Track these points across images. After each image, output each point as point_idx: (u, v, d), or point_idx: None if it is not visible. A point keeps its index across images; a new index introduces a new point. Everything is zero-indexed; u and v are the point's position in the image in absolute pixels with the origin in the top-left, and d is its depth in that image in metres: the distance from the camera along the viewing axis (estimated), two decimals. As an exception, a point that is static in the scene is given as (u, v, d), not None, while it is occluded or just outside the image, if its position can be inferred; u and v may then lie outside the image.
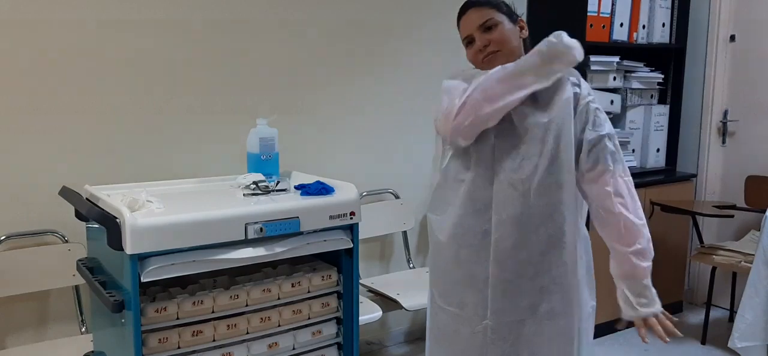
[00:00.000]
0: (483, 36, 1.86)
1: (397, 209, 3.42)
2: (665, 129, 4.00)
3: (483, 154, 1.81)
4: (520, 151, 1.77)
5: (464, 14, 1.91)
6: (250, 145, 2.45)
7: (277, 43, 3.01)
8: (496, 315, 1.82)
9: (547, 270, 1.80)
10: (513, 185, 1.77)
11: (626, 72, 3.79)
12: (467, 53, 1.94)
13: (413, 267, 3.49)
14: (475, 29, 1.87)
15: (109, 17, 2.62)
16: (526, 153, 1.76)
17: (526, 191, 1.76)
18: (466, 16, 1.90)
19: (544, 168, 1.75)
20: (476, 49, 1.88)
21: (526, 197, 1.76)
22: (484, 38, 1.86)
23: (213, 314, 2.09)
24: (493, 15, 1.87)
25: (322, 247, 2.21)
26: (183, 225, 1.94)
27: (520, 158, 1.77)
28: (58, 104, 2.56)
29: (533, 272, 1.80)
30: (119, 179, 2.43)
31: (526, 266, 1.79)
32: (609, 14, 3.64)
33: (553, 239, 1.79)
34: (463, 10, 1.91)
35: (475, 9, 1.89)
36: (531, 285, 1.81)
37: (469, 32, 1.89)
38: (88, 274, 2.20)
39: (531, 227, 1.77)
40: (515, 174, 1.77)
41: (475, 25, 1.87)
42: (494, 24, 1.86)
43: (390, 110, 3.37)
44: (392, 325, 3.54)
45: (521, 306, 1.81)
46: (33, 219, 2.54)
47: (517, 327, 1.82)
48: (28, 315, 2.60)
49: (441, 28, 3.47)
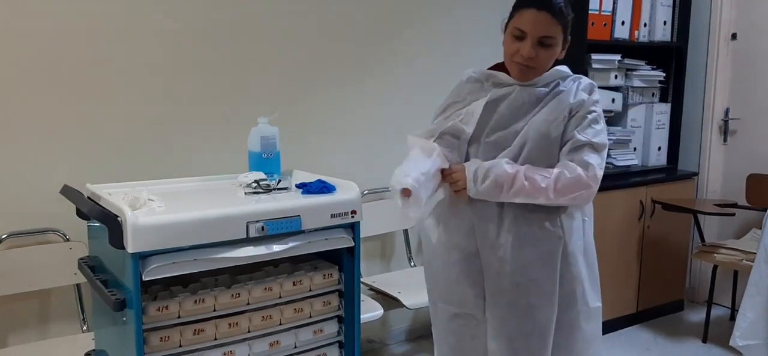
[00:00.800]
0: (534, 48, 1.83)
1: (398, 208, 3.41)
2: (666, 127, 4.00)
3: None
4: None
5: (534, 9, 1.82)
6: (252, 143, 2.44)
7: (279, 41, 3.01)
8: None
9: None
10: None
11: (628, 70, 3.79)
12: (506, 38, 1.90)
13: (414, 266, 3.49)
14: (534, 34, 1.83)
15: (111, 18, 2.62)
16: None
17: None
18: (536, 14, 1.82)
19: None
20: (518, 49, 1.85)
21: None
22: (533, 52, 1.84)
23: (214, 312, 2.09)
24: (557, 34, 1.84)
25: (324, 246, 2.20)
26: (184, 224, 1.94)
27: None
28: (59, 102, 2.56)
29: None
30: (121, 177, 2.43)
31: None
32: (610, 13, 3.64)
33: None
34: (536, 4, 1.82)
35: (547, 14, 1.82)
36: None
37: (527, 30, 1.83)
38: (90, 273, 2.20)
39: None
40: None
41: (538, 33, 1.82)
42: (552, 44, 1.84)
43: (391, 108, 3.37)
44: (393, 323, 3.54)
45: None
46: (34, 218, 2.54)
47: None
48: (29, 314, 2.60)
49: (441, 27, 3.47)
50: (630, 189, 3.69)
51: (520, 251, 1.87)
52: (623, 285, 3.73)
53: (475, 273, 1.93)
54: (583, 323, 1.95)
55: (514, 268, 1.87)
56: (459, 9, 3.51)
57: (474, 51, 3.52)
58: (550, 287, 1.88)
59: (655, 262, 3.85)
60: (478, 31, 3.55)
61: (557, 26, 1.84)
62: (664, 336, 3.69)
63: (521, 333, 1.90)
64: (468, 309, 1.95)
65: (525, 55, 1.85)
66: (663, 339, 3.67)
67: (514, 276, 1.88)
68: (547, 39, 1.84)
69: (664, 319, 3.93)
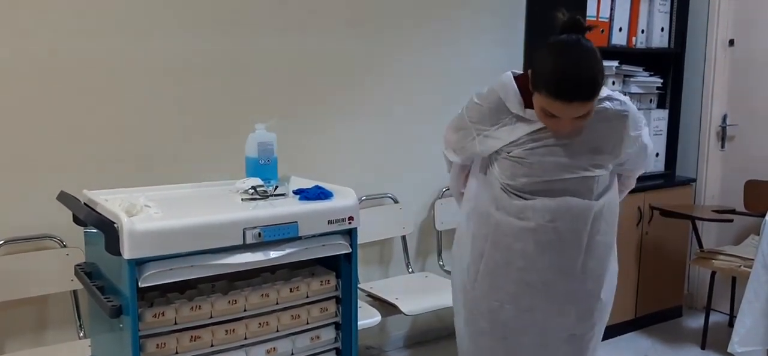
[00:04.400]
0: (573, 122, 1.79)
1: (396, 214, 3.41)
2: (664, 133, 4.00)
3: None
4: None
5: (570, 102, 1.73)
6: (249, 149, 2.44)
7: (276, 47, 3.01)
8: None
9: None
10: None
11: (625, 76, 3.79)
12: (536, 107, 1.82)
13: (412, 272, 3.48)
14: (568, 116, 1.77)
15: (107, 24, 2.62)
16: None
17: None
18: (572, 105, 1.73)
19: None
20: (554, 127, 1.82)
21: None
22: (573, 124, 1.80)
23: (211, 319, 2.08)
24: (593, 103, 1.77)
25: (321, 252, 2.20)
26: (181, 230, 1.93)
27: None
28: (56, 108, 2.56)
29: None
30: (117, 183, 2.43)
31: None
32: (608, 19, 3.64)
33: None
34: (569, 97, 1.73)
35: (583, 103, 1.74)
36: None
37: (560, 116, 1.77)
38: (86, 279, 2.19)
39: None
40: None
41: (574, 115, 1.76)
42: (591, 111, 1.79)
43: (389, 115, 3.37)
44: (391, 330, 3.53)
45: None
46: (31, 224, 2.54)
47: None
48: (26, 320, 2.59)
49: (440, 33, 3.48)
50: (628, 195, 3.65)
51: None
52: (621, 291, 3.69)
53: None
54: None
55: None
56: (460, 15, 3.51)
57: (474, 58, 3.53)
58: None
59: (654, 268, 3.85)
60: (479, 39, 3.56)
61: (593, 101, 1.77)
62: (663, 343, 3.69)
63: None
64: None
65: (564, 133, 1.83)
66: (661, 345, 3.66)
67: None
68: (585, 114, 1.79)
69: (662, 325, 3.92)
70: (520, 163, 1.90)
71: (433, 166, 3.01)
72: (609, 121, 1.90)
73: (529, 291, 1.96)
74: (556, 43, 1.79)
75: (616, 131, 1.92)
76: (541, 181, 1.89)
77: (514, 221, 1.92)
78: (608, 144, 1.92)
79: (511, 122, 1.90)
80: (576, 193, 1.90)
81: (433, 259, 3.59)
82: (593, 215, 1.92)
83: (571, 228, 1.91)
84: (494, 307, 2.01)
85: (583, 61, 1.74)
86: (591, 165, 1.90)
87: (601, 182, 1.94)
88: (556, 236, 1.91)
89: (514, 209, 1.92)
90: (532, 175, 1.89)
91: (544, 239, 1.91)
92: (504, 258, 1.97)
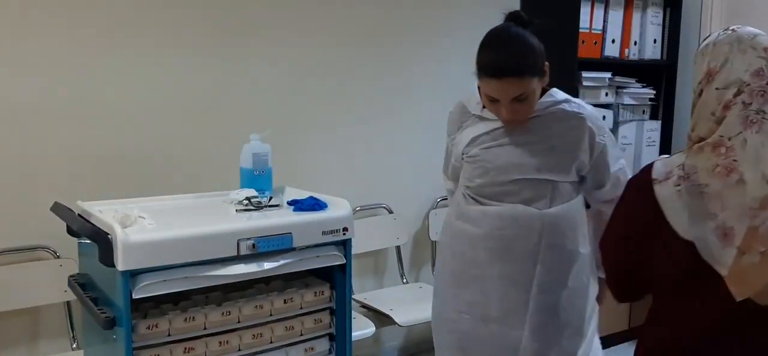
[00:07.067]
0: (511, 105, 1.80)
1: (390, 224, 3.42)
2: (657, 144, 4.01)
3: None
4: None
5: (497, 79, 1.77)
6: (243, 160, 2.45)
7: (270, 59, 3.02)
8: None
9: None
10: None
11: (618, 88, 3.81)
12: (482, 96, 1.86)
13: (407, 283, 3.49)
14: (504, 99, 1.79)
15: (102, 32, 2.63)
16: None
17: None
18: (501, 82, 1.77)
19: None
20: (497, 112, 1.85)
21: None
22: (512, 108, 1.81)
23: (205, 330, 2.08)
24: (530, 84, 1.78)
25: (315, 263, 2.20)
26: (175, 241, 1.93)
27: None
28: (49, 118, 2.56)
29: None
30: (111, 195, 2.43)
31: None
32: (601, 31, 3.67)
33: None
34: (496, 73, 1.77)
35: (512, 79, 1.77)
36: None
37: (496, 96, 1.80)
38: (80, 290, 2.19)
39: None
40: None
41: (508, 96, 1.79)
42: (528, 95, 1.80)
43: (383, 125, 3.38)
44: (386, 341, 3.53)
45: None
46: (25, 235, 2.53)
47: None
48: (19, 331, 2.58)
49: (433, 43, 3.49)
50: (621, 206, 3.69)
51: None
52: (614, 302, 3.72)
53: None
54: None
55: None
56: (453, 25, 3.52)
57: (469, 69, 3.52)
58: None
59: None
60: (473, 49, 3.55)
61: (526, 79, 1.79)
62: (657, 353, 3.68)
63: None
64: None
65: (506, 118, 1.85)
66: (655, 355, 3.66)
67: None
68: (521, 96, 1.80)
69: (656, 336, 3.92)
70: (475, 162, 1.94)
71: (428, 176, 3.02)
72: (565, 121, 1.91)
73: (483, 301, 1.95)
74: (489, 30, 1.88)
75: (571, 131, 1.91)
76: (495, 182, 1.91)
77: (470, 228, 1.95)
78: (563, 144, 1.91)
79: (473, 123, 1.98)
80: (529, 200, 1.90)
81: (427, 269, 3.60)
82: (543, 224, 1.89)
83: (517, 235, 1.90)
84: (454, 317, 2.02)
85: (511, 40, 1.81)
86: (545, 167, 1.90)
87: (560, 192, 1.92)
88: (503, 244, 1.91)
89: (470, 216, 1.96)
90: (486, 175, 1.92)
91: (493, 246, 1.92)
92: (460, 267, 1.99)
